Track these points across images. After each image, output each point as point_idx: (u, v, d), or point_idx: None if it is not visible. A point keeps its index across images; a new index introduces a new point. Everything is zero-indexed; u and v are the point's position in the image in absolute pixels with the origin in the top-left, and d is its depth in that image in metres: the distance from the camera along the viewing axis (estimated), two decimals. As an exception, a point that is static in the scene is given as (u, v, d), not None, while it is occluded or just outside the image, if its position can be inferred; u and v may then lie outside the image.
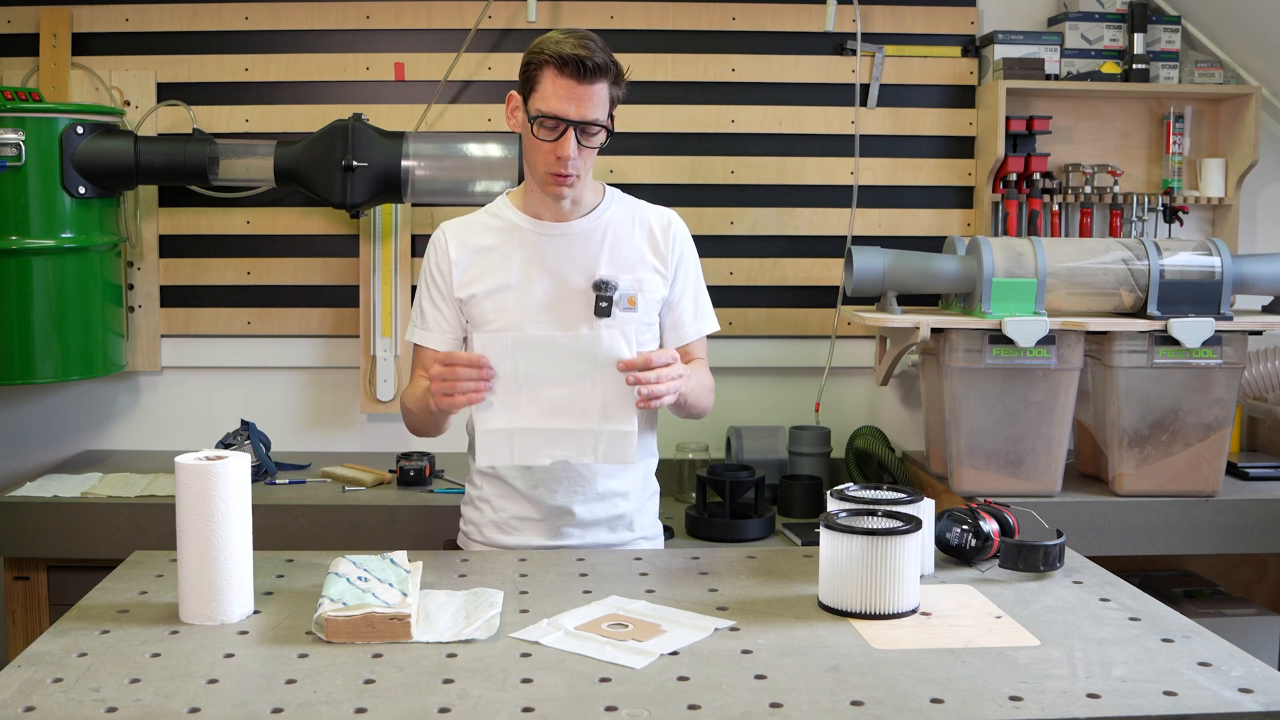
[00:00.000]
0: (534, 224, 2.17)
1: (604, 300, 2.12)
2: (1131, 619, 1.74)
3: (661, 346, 2.24)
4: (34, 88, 3.09)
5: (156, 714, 1.38)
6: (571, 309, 2.13)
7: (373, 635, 1.61)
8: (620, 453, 1.99)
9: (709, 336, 2.31)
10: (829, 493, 1.94)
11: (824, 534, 1.76)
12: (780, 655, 1.58)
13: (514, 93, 2.12)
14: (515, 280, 2.14)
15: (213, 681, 1.47)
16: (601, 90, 2.04)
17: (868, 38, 3.37)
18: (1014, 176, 3.31)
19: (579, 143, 2.04)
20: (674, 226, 2.24)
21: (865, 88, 3.38)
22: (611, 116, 2.09)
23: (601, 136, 2.08)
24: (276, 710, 1.39)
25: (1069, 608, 1.78)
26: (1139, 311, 2.86)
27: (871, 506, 1.85)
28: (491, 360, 1.95)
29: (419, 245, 3.36)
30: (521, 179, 3.01)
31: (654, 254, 2.20)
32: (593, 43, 2.03)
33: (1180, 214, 3.37)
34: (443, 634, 1.63)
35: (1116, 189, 3.35)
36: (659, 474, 2.34)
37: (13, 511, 2.82)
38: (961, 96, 3.41)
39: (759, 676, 1.50)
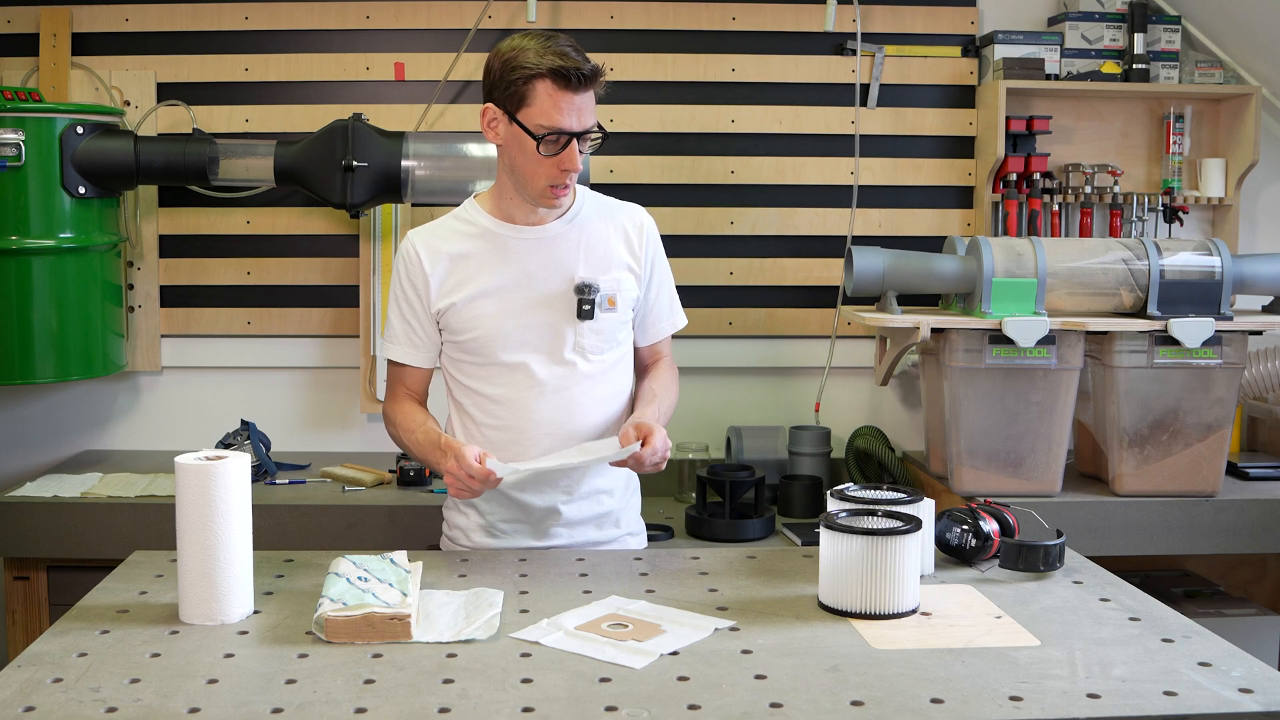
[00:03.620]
0: (509, 228, 2.14)
1: (586, 303, 2.12)
2: (1131, 619, 1.74)
3: (635, 342, 2.26)
4: (34, 88, 3.09)
5: (156, 714, 1.38)
6: (553, 313, 2.13)
7: (373, 635, 1.61)
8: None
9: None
10: (829, 493, 1.94)
11: (824, 534, 1.76)
12: (780, 655, 1.58)
13: (491, 105, 2.06)
14: (493, 287, 2.12)
15: (213, 681, 1.47)
16: (593, 96, 2.04)
17: (868, 38, 3.37)
18: (1014, 176, 3.31)
19: (580, 150, 2.04)
20: (646, 225, 2.24)
21: (865, 88, 3.38)
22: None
23: (598, 138, 2.08)
24: (276, 710, 1.39)
25: (1069, 608, 1.78)
26: (1139, 311, 2.86)
27: (871, 506, 1.85)
28: (506, 483, 2.06)
29: (419, 245, 3.36)
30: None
31: (629, 254, 2.20)
32: (571, 48, 2.01)
33: (1180, 214, 3.37)
34: (443, 634, 1.63)
35: (1116, 189, 3.35)
36: (658, 474, 2.34)
37: (13, 511, 2.82)
38: (961, 96, 3.41)
39: (759, 676, 1.50)
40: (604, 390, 2.18)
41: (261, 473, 3.05)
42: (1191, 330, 2.77)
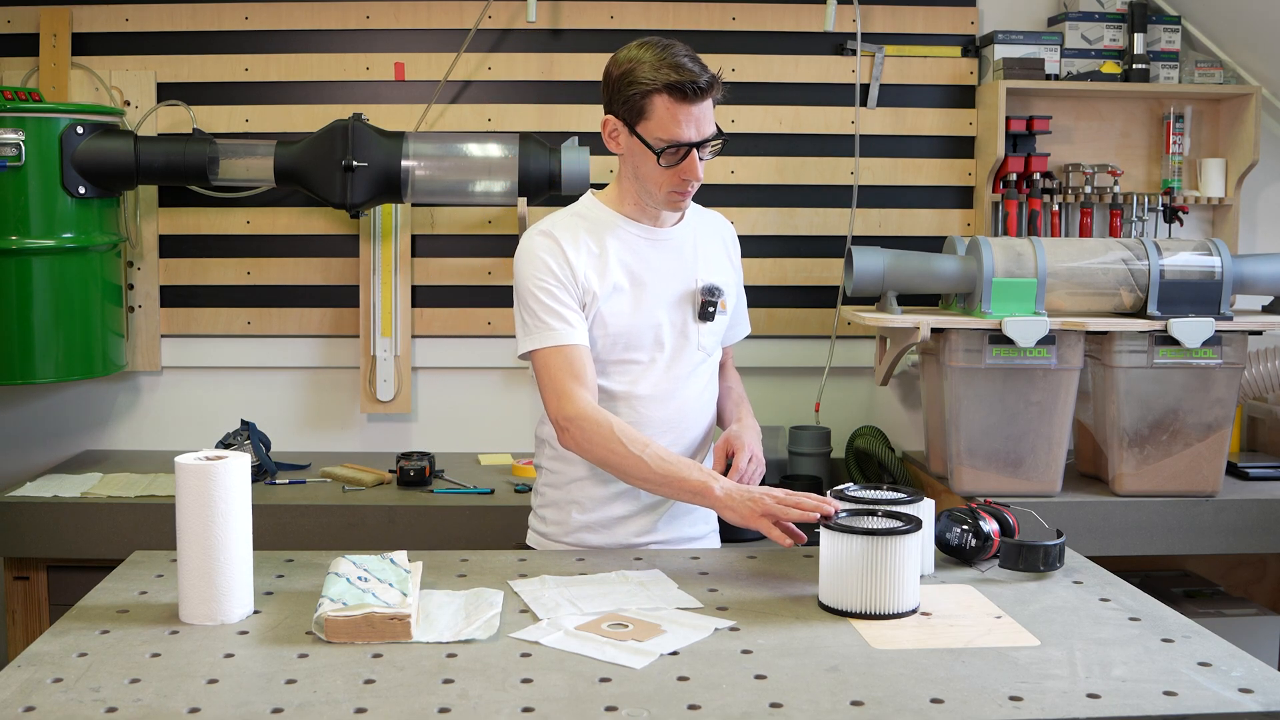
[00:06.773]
0: (639, 228, 2.16)
1: (711, 305, 2.16)
2: (1131, 619, 1.74)
3: None
4: (34, 88, 3.10)
5: (156, 714, 1.38)
6: (678, 314, 2.15)
7: (373, 635, 1.61)
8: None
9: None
10: (829, 493, 1.94)
11: (824, 534, 1.76)
12: (780, 655, 1.58)
13: (611, 118, 2.07)
14: (626, 284, 2.12)
15: (213, 681, 1.47)
16: (710, 104, 2.04)
17: (868, 38, 3.37)
18: (1014, 176, 3.31)
19: (699, 157, 2.05)
20: (732, 232, 2.34)
21: (865, 88, 3.38)
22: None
23: (718, 144, 2.08)
24: (276, 710, 1.39)
25: (1069, 608, 1.78)
26: (1139, 311, 2.86)
27: (871, 506, 1.85)
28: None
29: (419, 245, 3.37)
30: (523, 190, 3.04)
31: (728, 259, 2.27)
32: (688, 58, 2.01)
33: (1180, 214, 3.37)
34: (443, 634, 1.63)
35: (1116, 189, 3.35)
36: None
37: (13, 511, 2.82)
38: (961, 96, 3.41)
39: (759, 676, 1.50)
40: (711, 392, 2.25)
41: (261, 473, 3.05)
42: (1191, 330, 2.77)
